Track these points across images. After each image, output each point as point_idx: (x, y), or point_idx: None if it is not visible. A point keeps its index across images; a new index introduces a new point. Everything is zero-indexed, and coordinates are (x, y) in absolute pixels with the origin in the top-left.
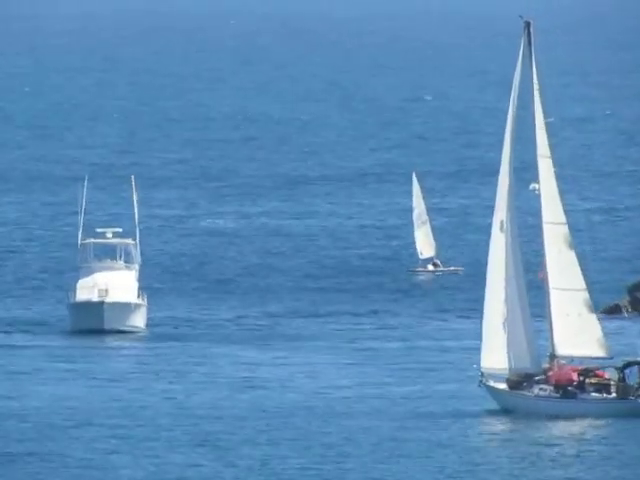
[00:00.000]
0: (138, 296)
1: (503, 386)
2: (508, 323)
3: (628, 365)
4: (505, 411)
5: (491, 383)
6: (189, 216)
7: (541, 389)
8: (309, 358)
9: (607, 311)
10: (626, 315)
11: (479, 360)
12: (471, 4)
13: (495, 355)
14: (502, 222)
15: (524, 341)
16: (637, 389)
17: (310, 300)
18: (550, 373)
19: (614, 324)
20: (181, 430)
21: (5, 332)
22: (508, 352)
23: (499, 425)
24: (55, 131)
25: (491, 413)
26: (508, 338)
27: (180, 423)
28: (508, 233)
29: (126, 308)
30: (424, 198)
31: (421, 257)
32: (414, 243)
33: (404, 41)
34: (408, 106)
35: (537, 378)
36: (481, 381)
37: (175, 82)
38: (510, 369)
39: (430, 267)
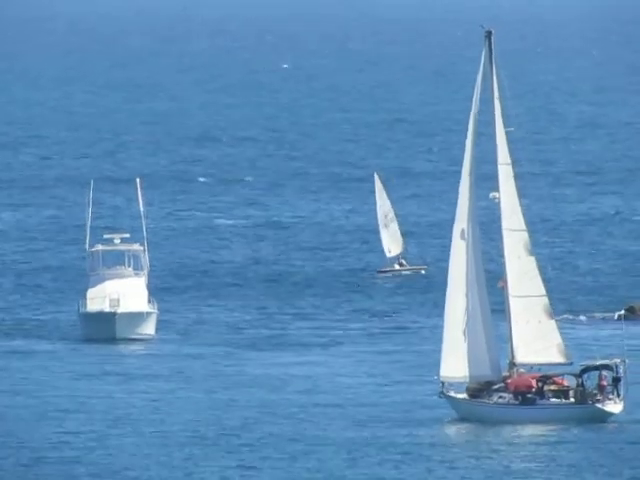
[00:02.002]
0: (149, 302)
1: (463, 395)
2: (469, 331)
3: (586, 370)
4: (465, 420)
5: (451, 393)
6: (193, 217)
7: (500, 397)
8: (317, 360)
9: (622, 313)
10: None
11: (438, 371)
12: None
13: (455, 364)
14: (463, 230)
15: (485, 349)
16: (595, 394)
17: (313, 304)
18: (509, 381)
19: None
20: (205, 430)
21: (14, 337)
22: (469, 360)
23: (464, 429)
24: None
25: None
26: (468, 346)
27: (203, 423)
28: (469, 241)
29: (138, 317)
30: (389, 197)
31: (389, 255)
32: (381, 243)
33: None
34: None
35: (496, 387)
36: (442, 392)
37: (172, 82)
38: (470, 377)
39: (396, 266)
